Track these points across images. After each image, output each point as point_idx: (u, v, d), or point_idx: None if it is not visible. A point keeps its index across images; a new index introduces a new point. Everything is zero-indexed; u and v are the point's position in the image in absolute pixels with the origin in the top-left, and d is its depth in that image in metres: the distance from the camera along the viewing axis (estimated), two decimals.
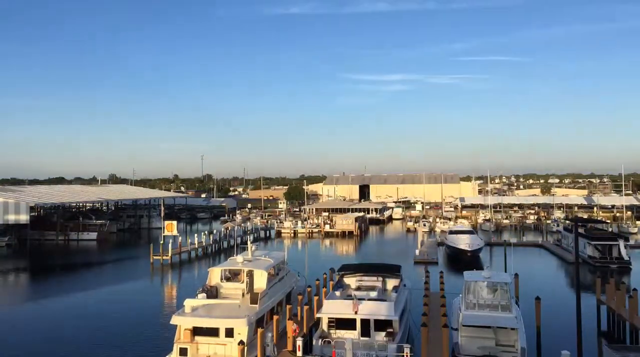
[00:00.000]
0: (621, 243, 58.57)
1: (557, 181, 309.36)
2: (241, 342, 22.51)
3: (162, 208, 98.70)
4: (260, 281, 28.81)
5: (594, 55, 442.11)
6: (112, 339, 31.72)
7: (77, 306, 41.32)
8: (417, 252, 65.59)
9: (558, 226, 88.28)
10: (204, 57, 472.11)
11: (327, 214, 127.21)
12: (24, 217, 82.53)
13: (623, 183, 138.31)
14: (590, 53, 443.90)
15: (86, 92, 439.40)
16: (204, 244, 71.90)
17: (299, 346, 24.12)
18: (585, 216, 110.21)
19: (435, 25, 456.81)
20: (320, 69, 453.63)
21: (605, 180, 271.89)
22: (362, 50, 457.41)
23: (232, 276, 29.66)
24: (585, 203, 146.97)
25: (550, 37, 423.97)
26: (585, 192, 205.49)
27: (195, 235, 73.03)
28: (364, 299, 26.39)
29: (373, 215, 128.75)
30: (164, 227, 71.10)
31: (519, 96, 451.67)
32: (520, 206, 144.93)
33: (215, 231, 79.00)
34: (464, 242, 63.58)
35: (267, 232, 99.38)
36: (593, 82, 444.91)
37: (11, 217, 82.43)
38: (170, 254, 63.00)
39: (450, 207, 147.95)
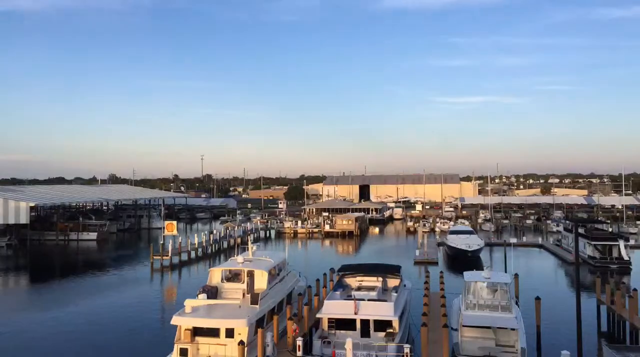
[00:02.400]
0: (621, 243, 58.59)
1: (557, 180, 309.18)
2: (241, 343, 22.52)
3: (163, 208, 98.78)
4: (261, 281, 28.82)
5: (596, 60, 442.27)
6: (112, 339, 31.75)
7: (77, 306, 41.31)
8: (417, 252, 65.61)
9: (558, 226, 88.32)
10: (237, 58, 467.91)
11: (327, 214, 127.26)
12: (24, 217, 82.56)
13: (623, 183, 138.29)
14: (591, 58, 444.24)
15: (85, 92, 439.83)
16: (204, 244, 71.91)
17: (299, 346, 24.15)
18: (585, 216, 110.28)
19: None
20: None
21: (605, 180, 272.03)
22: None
23: (233, 276, 29.68)
24: (585, 203, 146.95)
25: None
26: (585, 192, 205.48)
27: (195, 235, 73.03)
28: (364, 300, 26.40)
29: (373, 215, 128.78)
30: (164, 227, 71.13)
31: (519, 98, 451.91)
32: (520, 206, 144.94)
33: (215, 231, 79.02)
34: (464, 243, 63.59)
35: (267, 232, 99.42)
36: (593, 82, 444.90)
37: (11, 217, 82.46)
38: (170, 254, 63.00)
39: (450, 207, 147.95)
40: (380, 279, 30.79)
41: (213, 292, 27.79)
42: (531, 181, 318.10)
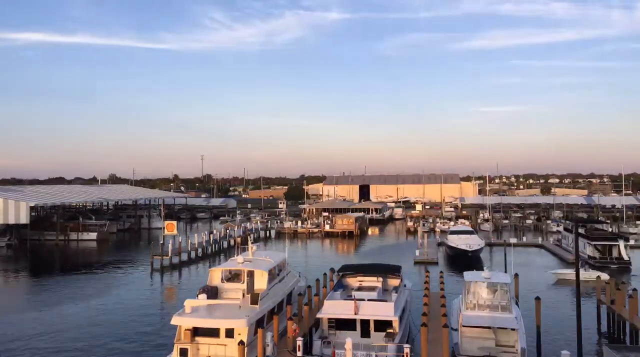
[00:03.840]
0: (621, 243, 58.63)
1: (557, 180, 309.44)
2: (241, 343, 22.52)
3: (162, 208, 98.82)
4: (261, 282, 28.82)
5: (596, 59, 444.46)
6: (112, 339, 31.76)
7: (77, 306, 41.32)
8: (417, 252, 65.60)
9: (558, 226, 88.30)
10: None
11: (327, 214, 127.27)
12: (24, 217, 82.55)
13: (623, 183, 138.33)
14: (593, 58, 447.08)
15: (86, 92, 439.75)
16: (204, 244, 71.90)
17: (299, 346, 24.15)
18: (586, 216, 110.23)
19: None
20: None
21: (605, 180, 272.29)
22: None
23: (233, 276, 29.68)
24: (585, 203, 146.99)
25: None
26: (585, 192, 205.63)
27: (195, 235, 73.02)
28: (364, 300, 26.39)
29: (373, 215, 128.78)
30: (164, 227, 71.11)
31: (519, 98, 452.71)
32: (520, 206, 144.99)
33: (215, 231, 79.01)
34: (464, 243, 63.58)
35: (267, 232, 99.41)
36: (592, 81, 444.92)
37: (11, 217, 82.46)
38: (170, 254, 62.98)
39: (450, 207, 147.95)
40: (381, 279, 30.78)
41: (213, 293, 27.78)
42: (531, 181, 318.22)
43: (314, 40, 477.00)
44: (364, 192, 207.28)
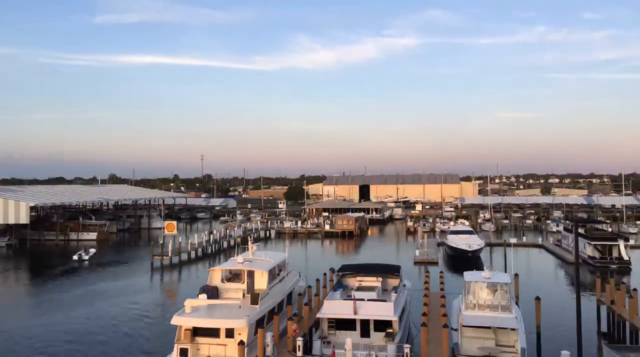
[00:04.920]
0: (621, 243, 58.67)
1: (557, 180, 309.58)
2: (241, 343, 22.53)
3: (163, 208, 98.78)
4: (261, 282, 28.81)
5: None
6: (112, 339, 31.77)
7: (77, 306, 41.30)
8: (417, 252, 65.59)
9: (558, 226, 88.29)
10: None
11: (327, 214, 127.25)
12: (24, 217, 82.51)
13: (623, 183, 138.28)
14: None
15: (87, 94, 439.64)
16: (204, 244, 71.90)
17: (299, 346, 24.17)
18: (586, 216, 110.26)
19: None
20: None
21: (605, 180, 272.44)
22: None
23: (233, 276, 29.68)
24: (585, 203, 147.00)
25: None
26: (585, 192, 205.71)
27: (195, 235, 73.02)
28: (363, 300, 26.39)
29: (373, 215, 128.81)
30: (164, 227, 71.08)
31: (519, 97, 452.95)
32: (520, 206, 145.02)
33: (215, 231, 79.01)
34: (464, 243, 63.61)
35: (267, 232, 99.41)
36: (592, 81, 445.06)
37: (11, 217, 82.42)
38: (170, 254, 62.98)
39: (450, 207, 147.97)
40: (380, 279, 30.77)
41: (213, 292, 27.76)
42: (531, 181, 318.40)
43: (380, 60, 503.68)
44: (364, 192, 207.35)
